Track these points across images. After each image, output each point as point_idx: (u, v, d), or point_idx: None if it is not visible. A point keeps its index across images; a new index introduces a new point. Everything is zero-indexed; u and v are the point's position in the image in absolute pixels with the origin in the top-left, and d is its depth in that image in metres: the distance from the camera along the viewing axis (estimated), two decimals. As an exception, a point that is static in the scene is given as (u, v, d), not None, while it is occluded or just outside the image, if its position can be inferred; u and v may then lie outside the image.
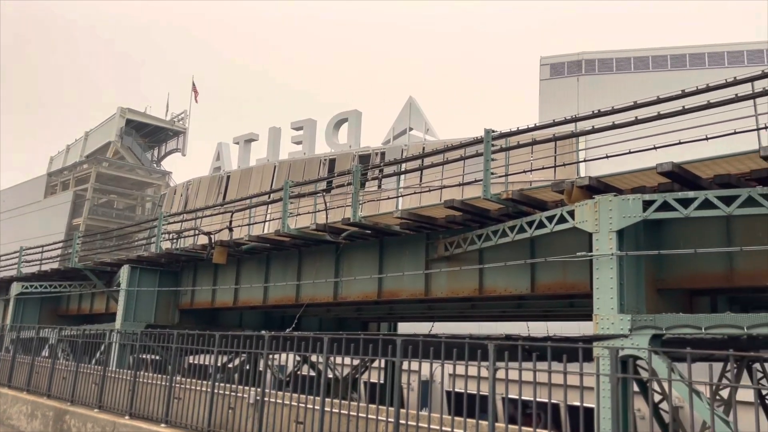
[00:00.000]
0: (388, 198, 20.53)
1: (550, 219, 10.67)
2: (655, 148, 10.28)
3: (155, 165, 63.76)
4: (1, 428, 16.89)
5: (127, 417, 13.17)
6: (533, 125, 11.68)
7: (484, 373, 7.47)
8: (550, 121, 11.59)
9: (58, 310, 28.17)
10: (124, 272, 21.31)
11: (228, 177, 44.03)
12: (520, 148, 12.59)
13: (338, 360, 18.19)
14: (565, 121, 11.34)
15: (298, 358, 22.35)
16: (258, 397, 10.65)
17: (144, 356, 16.45)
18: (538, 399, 7.13)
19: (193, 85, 59.28)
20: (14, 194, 64.40)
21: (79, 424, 14.00)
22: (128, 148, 59.98)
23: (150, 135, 62.87)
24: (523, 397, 7.33)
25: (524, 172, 13.29)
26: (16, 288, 26.22)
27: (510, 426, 7.35)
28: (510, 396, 7.52)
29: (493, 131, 11.75)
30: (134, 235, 36.04)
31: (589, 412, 7.21)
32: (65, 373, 16.28)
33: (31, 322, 25.16)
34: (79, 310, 27.10)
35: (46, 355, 19.09)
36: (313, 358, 19.33)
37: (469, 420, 7.65)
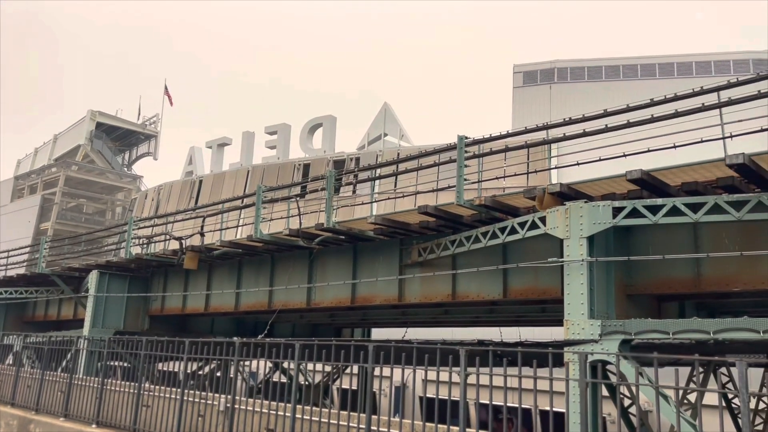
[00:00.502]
0: (363, 203, 20.49)
1: (522, 225, 10.76)
2: (624, 155, 10.42)
3: (126, 169, 62.76)
4: (-37, 438, 16.42)
5: (94, 425, 12.91)
6: (506, 132, 11.79)
7: (456, 378, 7.48)
8: (522, 128, 11.71)
9: (24, 317, 27.52)
10: (92, 278, 20.92)
11: (200, 181, 43.54)
12: (493, 155, 12.70)
13: (311, 366, 18.10)
14: (537, 129, 11.45)
15: (270, 364, 22.15)
16: (228, 404, 10.53)
17: (112, 363, 16.13)
18: (509, 404, 7.16)
19: (166, 88, 58.59)
20: (-21, 199, 62.84)
21: (43, 434, 13.68)
22: (98, 151, 58.94)
23: (121, 138, 61.85)
24: (494, 402, 7.35)
25: (497, 178, 13.37)
26: (-21, 294, 25.55)
27: (481, 431, 7.37)
28: (481, 401, 7.54)
29: (467, 138, 11.82)
30: (103, 240, 35.41)
31: (559, 416, 7.27)
32: (30, 380, 15.91)
33: (-5, 329, 24.54)
34: (46, 317, 26.50)
35: (11, 362, 18.63)
36: (285, 364, 19.18)
37: (440, 426, 7.65)
